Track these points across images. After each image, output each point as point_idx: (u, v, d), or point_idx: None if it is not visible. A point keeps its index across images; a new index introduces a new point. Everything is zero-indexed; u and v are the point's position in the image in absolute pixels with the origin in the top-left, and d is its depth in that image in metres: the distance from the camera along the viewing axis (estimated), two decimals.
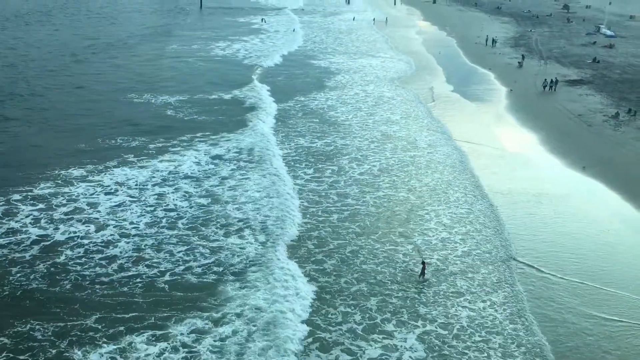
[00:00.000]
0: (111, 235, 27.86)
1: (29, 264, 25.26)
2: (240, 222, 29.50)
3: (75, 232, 27.90)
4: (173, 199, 31.78)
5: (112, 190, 32.42)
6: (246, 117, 46.05)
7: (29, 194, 31.37)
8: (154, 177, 34.46)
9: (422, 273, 25.30)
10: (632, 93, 53.98)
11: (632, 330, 22.48)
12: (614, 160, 38.44)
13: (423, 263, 25.58)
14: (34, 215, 29.19)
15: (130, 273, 24.85)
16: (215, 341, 20.84)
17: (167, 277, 24.66)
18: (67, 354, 20.01)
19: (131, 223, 29.04)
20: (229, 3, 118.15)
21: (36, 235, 27.45)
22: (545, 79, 57.34)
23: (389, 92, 55.30)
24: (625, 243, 29.05)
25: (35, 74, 56.58)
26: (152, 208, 30.66)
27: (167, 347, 20.51)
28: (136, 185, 33.26)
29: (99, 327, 21.40)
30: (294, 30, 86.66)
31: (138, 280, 24.39)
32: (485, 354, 20.88)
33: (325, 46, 77.42)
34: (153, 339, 20.88)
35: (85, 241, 27.16)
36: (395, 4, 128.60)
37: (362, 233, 29.09)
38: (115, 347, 20.39)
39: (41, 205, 30.19)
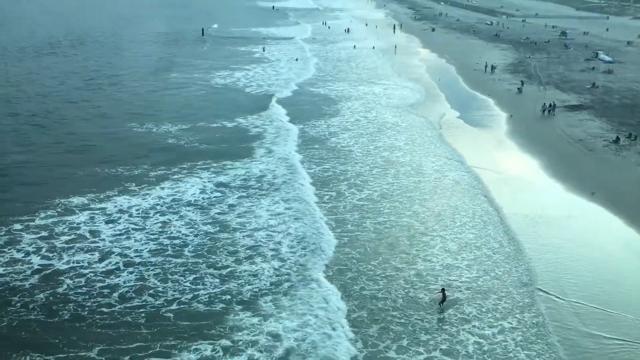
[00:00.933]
0: (114, 264, 27.67)
1: (29, 293, 25.05)
2: (249, 249, 29.35)
3: (76, 261, 27.73)
4: (178, 227, 31.64)
5: (115, 219, 32.31)
6: (247, 146, 46.15)
7: (30, 223, 31.26)
8: (157, 204, 34.39)
9: (443, 300, 25.04)
10: (632, 118, 54.21)
11: (633, 349, 22.73)
12: (617, 185, 38.39)
13: (443, 290, 25.34)
14: (35, 244, 29.07)
15: (134, 303, 24.60)
16: None
17: (173, 306, 24.38)
18: None
19: (135, 251, 28.87)
20: (231, 33, 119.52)
21: (37, 265, 27.29)
22: (544, 103, 57.90)
23: (392, 118, 55.54)
24: (630, 267, 28.92)
25: (34, 106, 56.78)
26: (156, 236, 30.52)
27: None
28: (139, 213, 33.16)
29: (102, 358, 21.08)
30: (296, 60, 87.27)
31: (142, 309, 24.12)
32: None
33: (327, 74, 77.94)
34: None
35: (87, 270, 26.97)
36: (394, 32, 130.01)
37: (362, 259, 28.91)
38: None
39: (42, 234, 30.08)
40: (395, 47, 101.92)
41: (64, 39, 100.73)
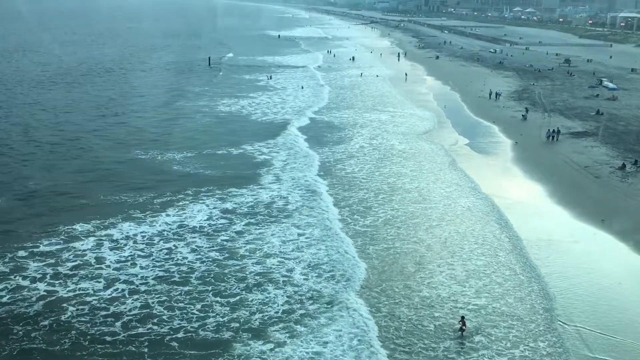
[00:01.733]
0: (119, 291, 27.54)
1: (32, 320, 24.89)
2: (258, 275, 29.24)
3: (80, 288, 27.63)
4: (185, 254, 31.54)
5: (119, 246, 32.28)
6: (254, 172, 46.31)
7: (35, 249, 31.27)
8: (164, 230, 34.37)
9: (462, 328, 24.73)
10: (638, 144, 54.12)
11: None
12: (624, 212, 38.19)
13: (462, 318, 25.06)
14: (39, 271, 29.02)
15: (138, 331, 24.39)
16: None
17: (179, 335, 24.15)
18: None
19: (140, 278, 28.75)
20: (238, 61, 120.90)
21: (41, 292, 27.18)
22: (549, 129, 58.16)
23: (400, 145, 55.69)
24: (637, 294, 28.69)
25: (42, 134, 57.43)
26: (161, 263, 30.42)
27: None
28: (144, 240, 33.12)
29: None
30: (302, 87, 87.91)
31: (146, 338, 23.90)
32: None
33: (333, 101, 78.35)
34: None
35: (91, 298, 26.84)
36: (399, 59, 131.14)
37: (364, 285, 28.67)
38: None
39: (47, 261, 30.05)
40: (406, 75, 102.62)
41: (75, 69, 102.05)
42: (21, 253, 30.87)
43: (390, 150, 53.96)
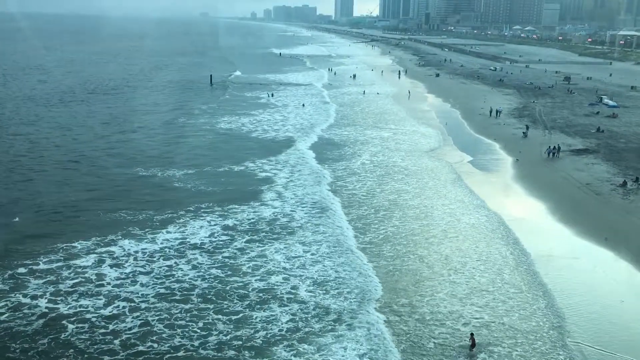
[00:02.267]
0: (119, 308, 27.39)
1: (30, 339, 24.73)
2: (261, 292, 29.12)
3: (80, 306, 27.49)
4: (185, 271, 31.44)
5: (120, 262, 32.19)
6: (255, 189, 46.35)
7: (34, 267, 31.21)
8: (165, 247, 34.29)
9: (472, 346, 24.55)
10: (638, 162, 54.16)
11: None
12: (625, 229, 38.09)
13: (471, 335, 24.90)
14: (39, 289, 28.90)
15: (138, 349, 24.23)
16: None
17: (179, 353, 24.02)
18: None
19: (140, 296, 28.61)
20: (242, 79, 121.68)
21: (40, 309, 27.05)
22: (549, 146, 58.43)
23: (402, 162, 55.77)
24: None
25: (43, 150, 57.61)
26: (162, 280, 30.30)
27: None
28: (145, 257, 33.03)
29: None
30: (303, 105, 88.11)
31: (145, 357, 23.72)
32: None
33: (334, 119, 78.62)
34: None
35: (91, 315, 26.70)
36: (399, 77, 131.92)
37: (367, 299, 28.57)
38: None
39: (47, 278, 29.96)
40: (409, 92, 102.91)
41: (81, 87, 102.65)
42: (21, 270, 30.77)
43: (392, 167, 53.97)
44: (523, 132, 67.64)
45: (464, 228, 38.80)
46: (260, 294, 28.96)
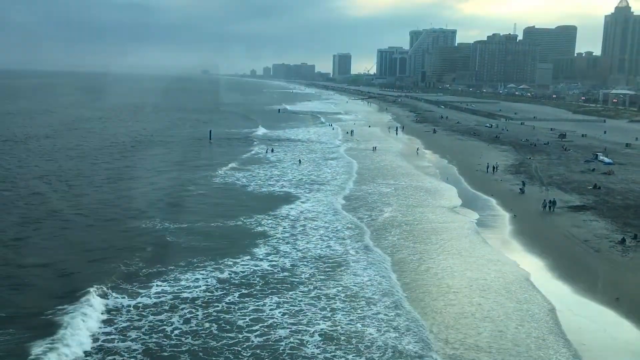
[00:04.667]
0: None
1: None
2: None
3: None
4: (177, 325, 30.71)
5: (106, 319, 31.42)
6: (251, 242, 45.96)
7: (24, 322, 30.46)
8: (157, 302, 33.60)
9: None
10: (636, 219, 54.05)
11: None
12: (627, 288, 37.57)
13: None
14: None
15: None
16: None
17: None
18: None
19: (128, 350, 27.80)
20: (231, 134, 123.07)
21: None
22: (545, 200, 59.11)
23: (401, 217, 55.55)
24: None
25: (45, 201, 57.46)
26: (150, 338, 29.47)
27: None
28: (130, 312, 32.15)
29: None
30: (299, 162, 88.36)
31: None
32: None
33: (329, 174, 78.82)
34: None
35: None
36: (397, 133, 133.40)
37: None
38: None
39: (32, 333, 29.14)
40: (417, 150, 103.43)
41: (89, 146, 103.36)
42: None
43: (391, 222, 53.73)
44: (520, 189, 67.75)
45: (468, 283, 38.28)
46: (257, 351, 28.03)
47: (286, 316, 32.39)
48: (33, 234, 46.63)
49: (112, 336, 29.45)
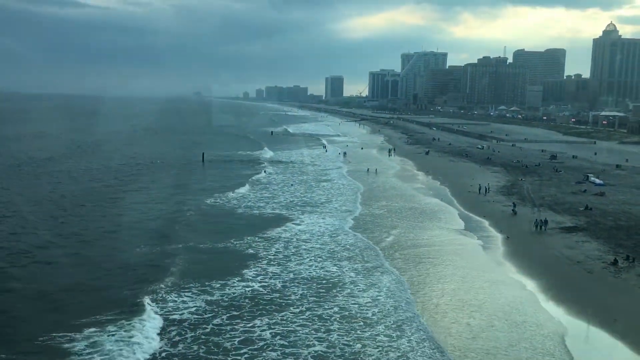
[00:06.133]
0: None
1: None
2: None
3: None
4: (165, 348, 30.44)
5: (100, 341, 31.02)
6: (242, 263, 45.71)
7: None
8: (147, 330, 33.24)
9: None
10: (628, 240, 54.21)
11: None
12: (620, 309, 37.50)
13: None
14: None
15: None
16: None
17: None
18: None
19: None
20: (226, 157, 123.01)
21: None
22: (537, 219, 59.79)
23: (391, 238, 55.51)
24: None
25: (35, 227, 57.01)
26: None
27: None
28: (112, 344, 31.32)
29: None
30: (292, 185, 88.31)
31: None
32: None
33: (320, 197, 78.84)
34: None
35: None
36: (390, 155, 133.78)
37: None
38: None
39: None
40: (424, 171, 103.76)
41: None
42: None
43: (397, 242, 53.69)
44: (512, 210, 67.91)
45: (460, 304, 38.07)
46: None
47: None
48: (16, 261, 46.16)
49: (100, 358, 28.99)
